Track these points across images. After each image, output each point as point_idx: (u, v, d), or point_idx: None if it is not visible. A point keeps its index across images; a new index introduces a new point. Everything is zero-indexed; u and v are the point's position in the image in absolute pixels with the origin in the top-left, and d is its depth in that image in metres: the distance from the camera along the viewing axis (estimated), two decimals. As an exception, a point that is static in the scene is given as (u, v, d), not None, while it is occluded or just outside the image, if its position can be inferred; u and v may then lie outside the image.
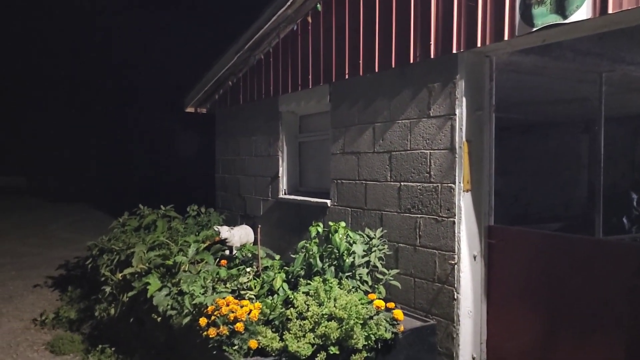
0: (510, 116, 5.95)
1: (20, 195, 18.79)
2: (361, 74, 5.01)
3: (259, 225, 5.24)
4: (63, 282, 7.77)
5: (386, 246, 4.67)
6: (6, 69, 22.26)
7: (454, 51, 4.03)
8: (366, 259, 4.48)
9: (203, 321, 3.79)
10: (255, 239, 6.69)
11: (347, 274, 4.34)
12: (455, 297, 4.10)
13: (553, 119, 8.42)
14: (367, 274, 4.47)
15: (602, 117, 4.96)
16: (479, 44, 3.84)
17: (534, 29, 3.43)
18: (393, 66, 4.63)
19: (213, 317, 3.79)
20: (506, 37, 3.63)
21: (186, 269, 4.92)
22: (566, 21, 3.23)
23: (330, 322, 3.61)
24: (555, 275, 3.74)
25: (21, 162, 20.36)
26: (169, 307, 4.44)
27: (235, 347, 3.59)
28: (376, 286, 4.44)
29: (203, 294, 4.18)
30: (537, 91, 6.11)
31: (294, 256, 4.62)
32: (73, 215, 14.68)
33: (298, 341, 3.53)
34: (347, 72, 5.20)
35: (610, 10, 3.02)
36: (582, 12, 3.15)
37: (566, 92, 6.05)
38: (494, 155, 4.23)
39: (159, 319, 4.49)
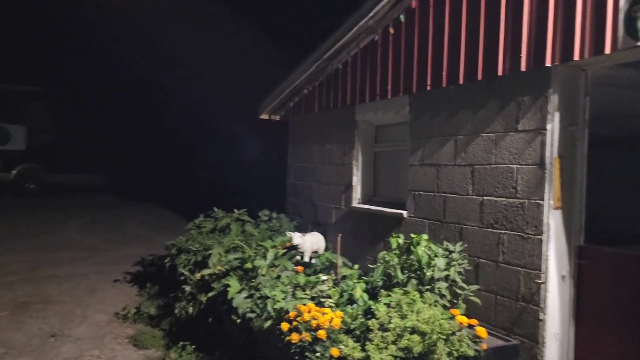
0: (603, 131, 5.70)
1: (96, 193, 19.89)
2: (444, 85, 4.97)
3: (340, 235, 5.27)
4: (140, 278, 8.15)
5: (466, 261, 4.59)
6: (83, 70, 23.71)
7: (548, 64, 3.91)
8: (445, 272, 4.41)
9: (285, 326, 3.88)
10: (327, 246, 6.77)
11: (426, 287, 4.31)
12: (541, 317, 3.97)
13: (640, 133, 7.97)
14: (446, 288, 4.41)
15: None
16: (575, 57, 3.71)
17: (639, 43, 3.29)
18: (479, 78, 4.56)
19: (295, 323, 3.87)
20: (607, 51, 3.49)
21: (264, 273, 5.05)
22: (678, 35, 3.08)
23: (412, 336, 3.59)
24: (653, 301, 3.54)
25: (97, 161, 21.53)
26: (248, 309, 4.56)
27: (317, 354, 3.64)
28: (455, 301, 4.37)
29: (284, 299, 4.27)
30: (627, 105, 5.82)
31: (371, 266, 4.64)
32: (146, 214, 15.36)
33: (380, 353, 3.54)
34: (429, 83, 5.17)
35: None
36: (697, 26, 2.99)
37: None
38: (586, 173, 4.07)
39: (238, 320, 4.62)
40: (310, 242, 6.81)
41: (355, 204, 6.56)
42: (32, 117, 22.28)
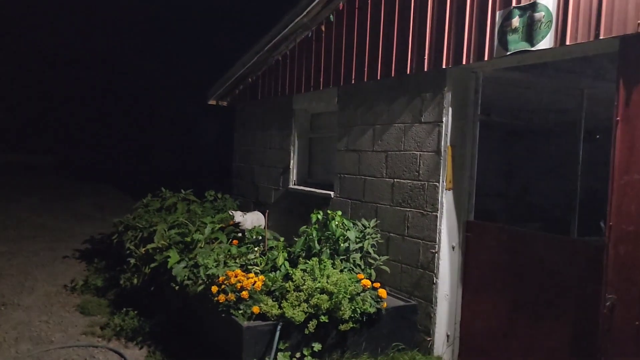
0: (501, 121, 6.47)
1: (48, 173, 19.77)
2: (365, 80, 5.59)
3: (267, 211, 5.88)
4: (89, 255, 8.53)
5: (379, 235, 5.27)
6: (35, 49, 23.23)
7: (444, 66, 4.59)
8: (360, 245, 5.09)
9: (214, 289, 4.45)
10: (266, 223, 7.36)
11: (341, 257, 4.96)
12: (435, 281, 4.69)
13: (553, 126, 8.88)
14: (361, 258, 5.08)
15: (582, 128, 5.46)
16: (464, 62, 4.39)
17: (508, 53, 3.98)
18: (393, 75, 5.21)
19: (223, 286, 4.45)
20: (486, 58, 4.19)
21: (202, 246, 5.59)
22: (533, 49, 3.78)
23: (322, 295, 4.24)
24: (517, 266, 4.29)
25: (50, 141, 21.35)
26: (185, 277, 5.10)
27: (241, 312, 4.24)
28: (368, 270, 5.05)
29: (216, 266, 4.83)
30: (529, 102, 6.62)
31: (296, 239, 5.25)
32: (98, 195, 15.52)
33: (294, 309, 4.16)
34: (353, 77, 5.79)
35: (567, 42, 3.56)
36: (547, 42, 3.69)
37: (555, 103, 6.54)
38: (476, 159, 4.78)
39: (176, 287, 5.15)
40: (251, 220, 7.38)
41: (291, 185, 7.15)
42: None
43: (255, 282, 4.41)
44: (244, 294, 4.28)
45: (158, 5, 22.36)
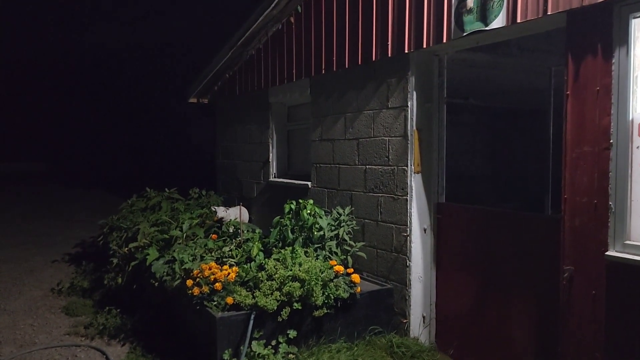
0: (479, 104, 6.48)
1: (41, 180, 19.80)
2: (334, 69, 5.62)
3: (241, 204, 5.93)
4: (79, 258, 8.58)
5: (354, 222, 5.32)
6: (24, 56, 23.18)
7: (406, 51, 4.62)
8: (335, 232, 5.13)
9: (189, 282, 4.50)
10: (250, 218, 7.42)
11: (316, 246, 5.01)
12: (408, 264, 4.74)
13: (529, 106, 8.89)
14: (337, 246, 5.13)
15: (552, 106, 5.50)
16: (424, 45, 4.42)
17: (465, 34, 4.01)
18: (360, 63, 5.23)
19: (197, 279, 4.49)
20: (444, 40, 4.22)
21: (181, 242, 5.64)
22: (487, 28, 3.81)
23: (294, 283, 4.29)
24: (484, 244, 4.34)
25: (42, 148, 21.36)
26: (164, 273, 5.15)
27: (215, 303, 4.29)
28: (345, 257, 5.10)
29: (192, 261, 4.88)
30: (504, 83, 6.65)
31: (271, 230, 5.29)
32: (90, 200, 15.56)
33: (266, 297, 4.21)
34: (323, 67, 5.81)
35: (518, 20, 3.59)
36: (499, 21, 3.73)
37: (529, 84, 6.57)
38: (445, 142, 4.81)
39: (156, 283, 5.21)
40: (234, 215, 7.42)
41: (271, 178, 7.20)
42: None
43: (228, 273, 4.46)
44: (218, 285, 4.32)
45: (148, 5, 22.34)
